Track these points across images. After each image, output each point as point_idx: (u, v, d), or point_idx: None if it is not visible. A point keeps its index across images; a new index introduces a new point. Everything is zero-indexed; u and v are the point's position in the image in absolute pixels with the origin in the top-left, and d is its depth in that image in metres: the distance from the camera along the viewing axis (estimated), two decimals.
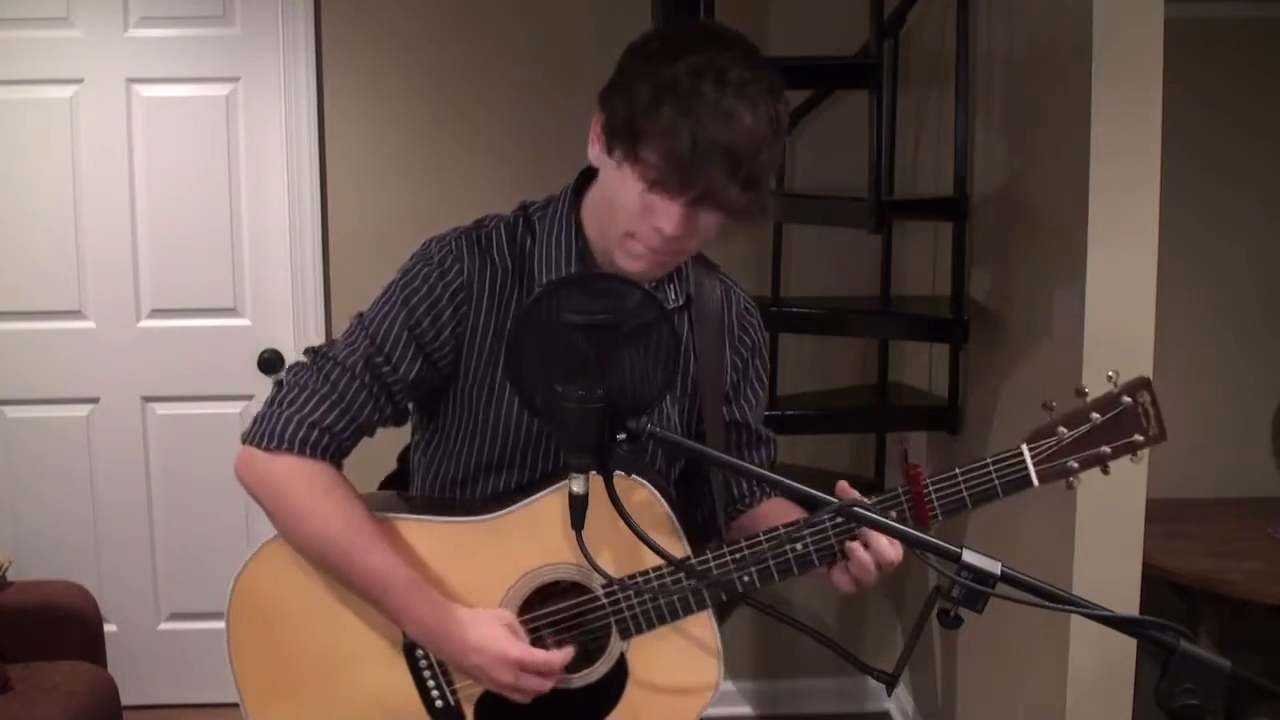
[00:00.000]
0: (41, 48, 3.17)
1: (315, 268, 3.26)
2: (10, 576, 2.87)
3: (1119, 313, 2.14)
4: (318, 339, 3.27)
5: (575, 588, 1.43)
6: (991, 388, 2.66)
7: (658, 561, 1.38)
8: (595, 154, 1.38)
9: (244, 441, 1.42)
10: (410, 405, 1.50)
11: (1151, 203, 2.11)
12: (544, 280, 1.42)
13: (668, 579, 1.40)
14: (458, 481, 1.50)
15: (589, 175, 1.47)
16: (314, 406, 1.39)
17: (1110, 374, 1.39)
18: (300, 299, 3.27)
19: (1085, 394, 1.38)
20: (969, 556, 1.08)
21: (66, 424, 3.33)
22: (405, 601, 1.38)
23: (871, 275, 3.15)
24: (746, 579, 1.39)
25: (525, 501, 1.41)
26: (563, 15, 3.20)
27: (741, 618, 1.47)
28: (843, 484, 1.35)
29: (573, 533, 1.23)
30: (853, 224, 2.71)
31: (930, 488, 1.38)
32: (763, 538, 1.39)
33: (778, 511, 1.58)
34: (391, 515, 1.43)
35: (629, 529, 1.23)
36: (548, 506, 1.40)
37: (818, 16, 3.15)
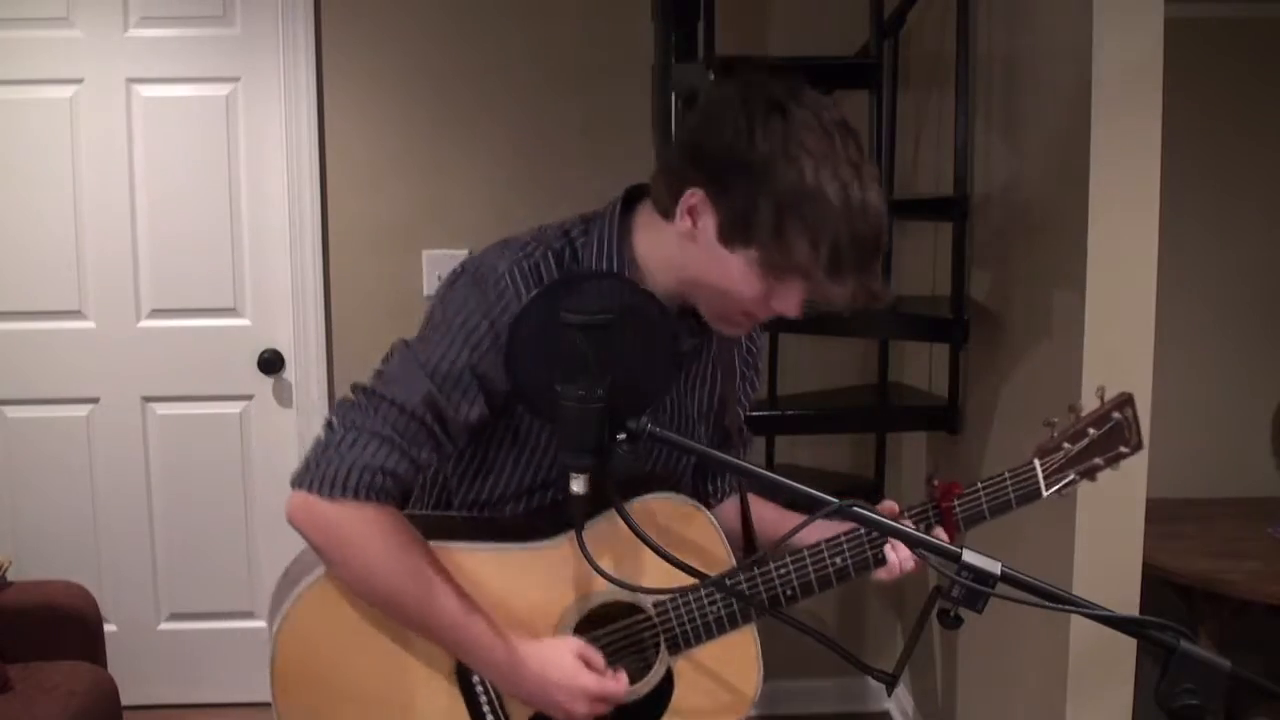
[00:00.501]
0: (41, 48, 3.17)
1: (315, 268, 3.26)
2: (10, 576, 2.87)
3: (1119, 313, 2.14)
4: (317, 339, 3.27)
5: (628, 608, 1.45)
6: (991, 388, 2.66)
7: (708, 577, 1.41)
8: (688, 229, 1.32)
9: (297, 486, 1.35)
10: (463, 446, 1.45)
11: (1151, 203, 2.11)
12: None
13: (716, 596, 1.44)
14: (499, 500, 1.49)
15: (633, 196, 1.44)
16: (374, 450, 1.32)
17: (1098, 389, 1.52)
18: (300, 299, 3.27)
19: (1080, 410, 1.52)
20: (969, 556, 1.08)
21: (66, 424, 3.33)
22: (481, 646, 1.38)
23: None
24: (790, 593, 1.46)
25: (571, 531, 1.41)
26: (562, 16, 3.20)
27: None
28: (888, 504, 1.49)
29: (623, 555, 1.24)
30: None
31: (956, 504, 1.49)
32: (806, 553, 1.45)
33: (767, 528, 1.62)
34: (444, 544, 1.41)
35: (651, 547, 1.25)
36: (600, 531, 1.40)
37: (818, 16, 3.15)
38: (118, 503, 3.36)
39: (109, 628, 3.11)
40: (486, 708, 1.44)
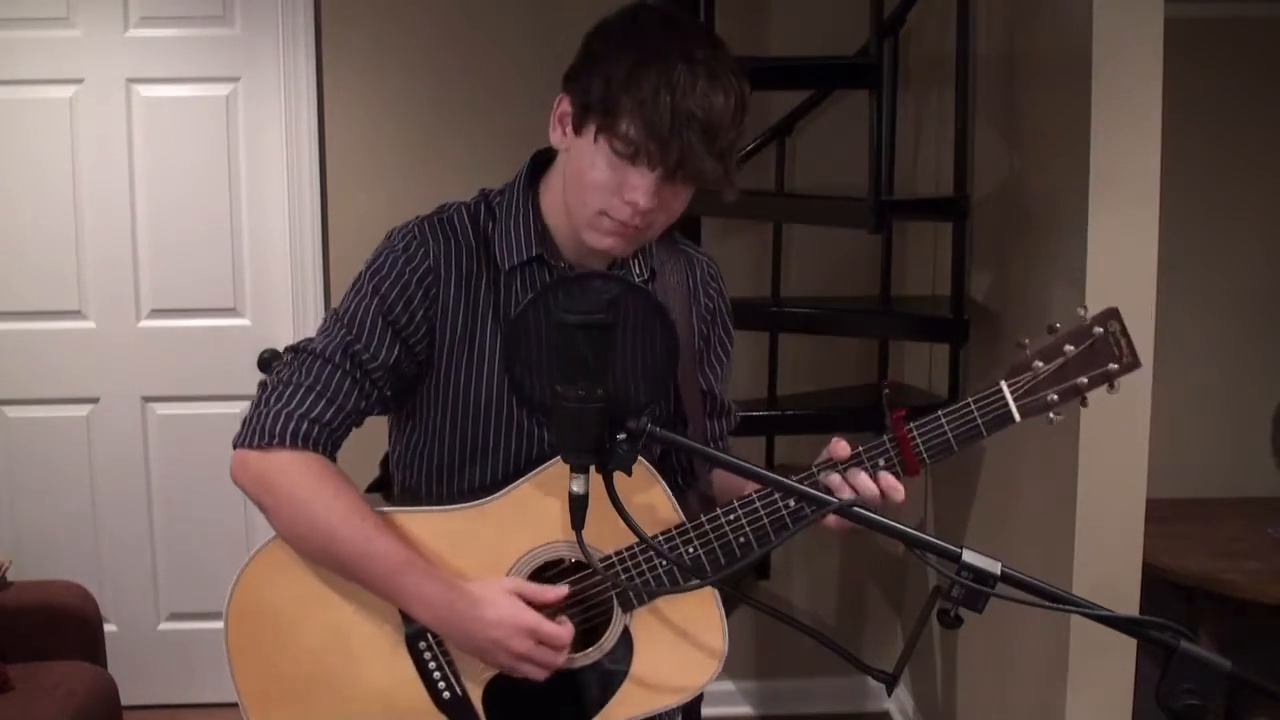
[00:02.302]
0: (41, 48, 3.17)
1: (315, 267, 3.26)
2: (10, 576, 2.87)
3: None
4: None
5: (575, 565, 1.44)
6: None
7: (655, 530, 1.40)
8: (559, 138, 1.43)
9: (235, 445, 1.43)
10: (391, 393, 1.48)
11: (1151, 202, 2.11)
12: (506, 262, 1.46)
13: (665, 548, 1.41)
14: (440, 471, 1.50)
15: (542, 160, 1.54)
16: (300, 399, 1.40)
17: (1081, 310, 1.40)
18: (300, 299, 3.27)
19: (1057, 328, 1.39)
20: (969, 556, 1.08)
21: (66, 424, 3.33)
22: (415, 585, 1.38)
23: (871, 275, 3.15)
24: (743, 540, 1.40)
25: (519, 483, 1.42)
26: (562, 15, 3.19)
27: (741, 618, 1.48)
28: (836, 445, 1.41)
29: (569, 511, 1.22)
30: (853, 224, 2.70)
31: (915, 432, 1.39)
32: (755, 496, 1.40)
33: (731, 483, 1.59)
34: (385, 509, 1.43)
35: (623, 519, 1.23)
36: (541, 485, 1.41)
37: (818, 16, 3.15)
38: (118, 503, 3.36)
39: (109, 628, 3.11)
40: (438, 674, 1.43)
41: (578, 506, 1.23)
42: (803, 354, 3.27)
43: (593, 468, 1.21)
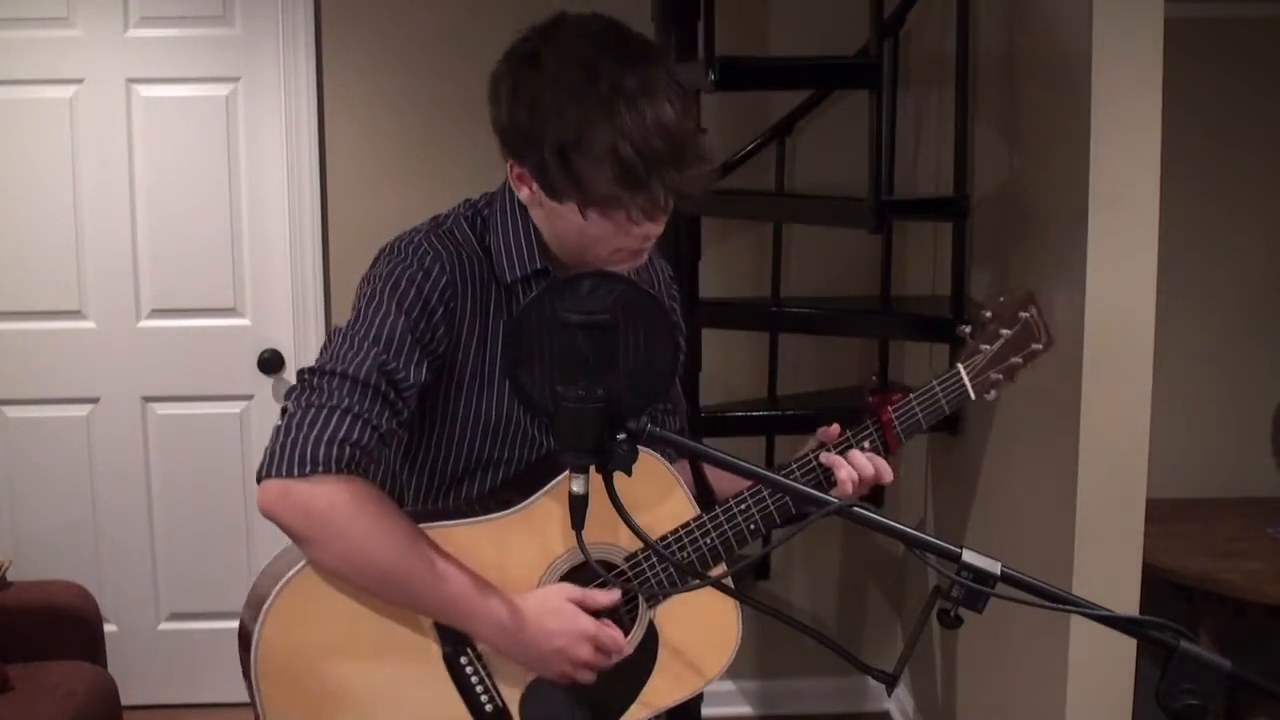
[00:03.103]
0: (41, 48, 3.17)
1: (315, 268, 3.26)
2: (10, 576, 2.87)
3: (1119, 313, 2.14)
4: (318, 339, 3.27)
5: (604, 565, 1.45)
6: None
7: (671, 523, 1.45)
8: (528, 196, 1.40)
9: (266, 475, 1.33)
10: (413, 411, 1.46)
11: (1151, 202, 2.11)
12: (508, 275, 1.45)
13: (684, 540, 1.46)
14: (454, 478, 1.50)
15: None
16: (336, 423, 1.33)
17: (1001, 298, 1.61)
18: (300, 299, 3.27)
19: (986, 314, 1.60)
20: (969, 556, 1.08)
21: (66, 424, 3.33)
22: (482, 606, 1.38)
23: (871, 275, 3.15)
24: (752, 527, 1.48)
25: (543, 491, 1.43)
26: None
27: (742, 618, 1.50)
28: (825, 430, 1.54)
29: (598, 516, 1.22)
30: (853, 224, 2.71)
31: (894, 414, 1.55)
32: (762, 486, 1.47)
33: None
34: (424, 526, 1.42)
35: (627, 524, 1.23)
36: (562, 491, 1.40)
37: (818, 16, 3.15)
38: (118, 503, 3.36)
39: (109, 628, 3.12)
40: (479, 688, 1.43)
41: (578, 507, 1.23)
42: (803, 354, 3.27)
43: (594, 468, 1.22)
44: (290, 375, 3.32)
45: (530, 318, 1.24)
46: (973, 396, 1.59)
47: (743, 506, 1.48)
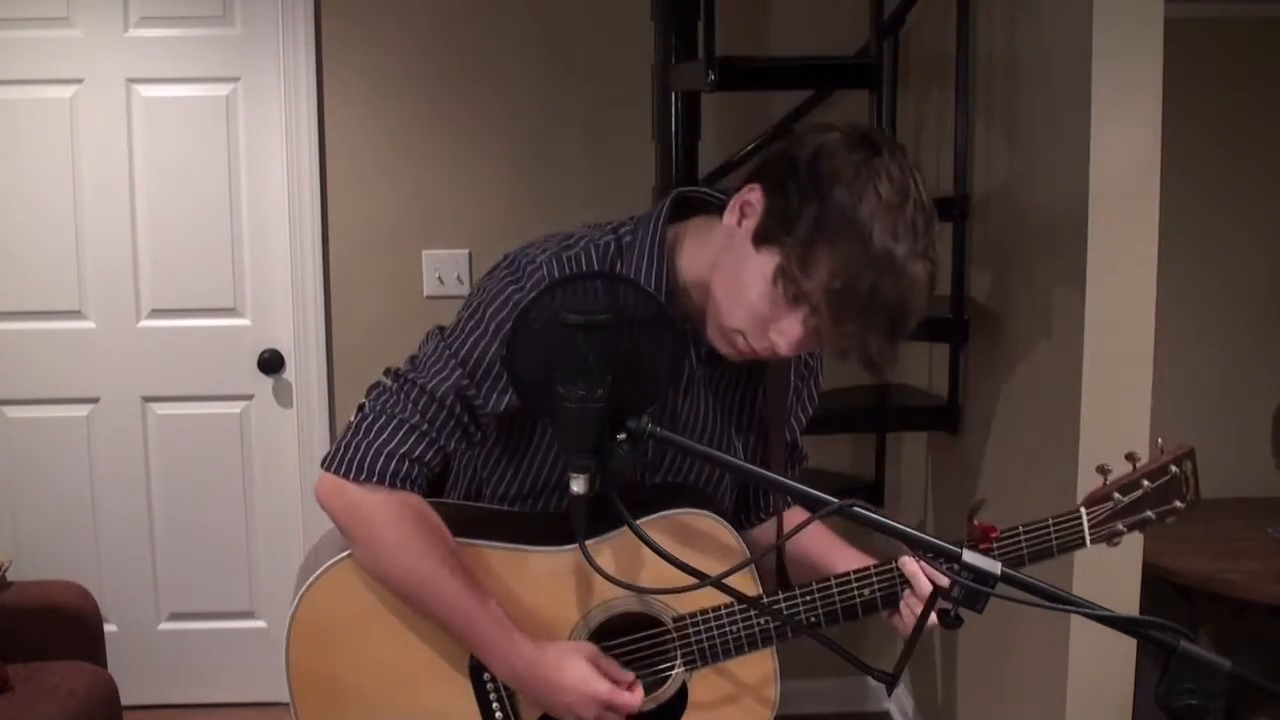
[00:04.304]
0: (41, 48, 3.17)
1: (315, 268, 3.26)
2: (10, 576, 2.87)
3: (1119, 313, 2.14)
4: (318, 339, 3.27)
5: (649, 620, 1.44)
6: (991, 388, 2.66)
7: (726, 598, 1.40)
8: (733, 223, 1.30)
9: (326, 467, 1.37)
10: (487, 434, 1.45)
11: (1151, 202, 2.11)
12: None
13: (738, 616, 1.42)
14: (522, 496, 1.48)
15: (682, 204, 1.42)
16: (403, 437, 1.35)
17: (1158, 441, 1.47)
18: (300, 299, 3.27)
19: (1137, 459, 1.45)
20: (969, 556, 1.08)
21: (66, 424, 3.33)
22: (495, 642, 1.38)
23: None
24: (814, 619, 1.43)
25: (603, 536, 1.40)
26: (561, 16, 3.19)
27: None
28: (906, 560, 1.42)
29: (646, 565, 1.23)
30: None
31: (995, 547, 1.44)
32: (833, 581, 1.44)
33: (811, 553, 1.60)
34: (469, 541, 1.42)
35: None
36: (623, 539, 1.40)
37: (818, 16, 3.15)
38: (118, 503, 3.36)
39: (109, 628, 3.11)
40: (496, 705, 1.44)
41: (578, 507, 1.23)
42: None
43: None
44: (290, 375, 3.32)
45: (530, 317, 1.24)
46: (1088, 545, 1.44)
47: (808, 597, 1.42)
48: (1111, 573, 2.18)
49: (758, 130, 3.12)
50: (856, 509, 1.18)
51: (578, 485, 1.22)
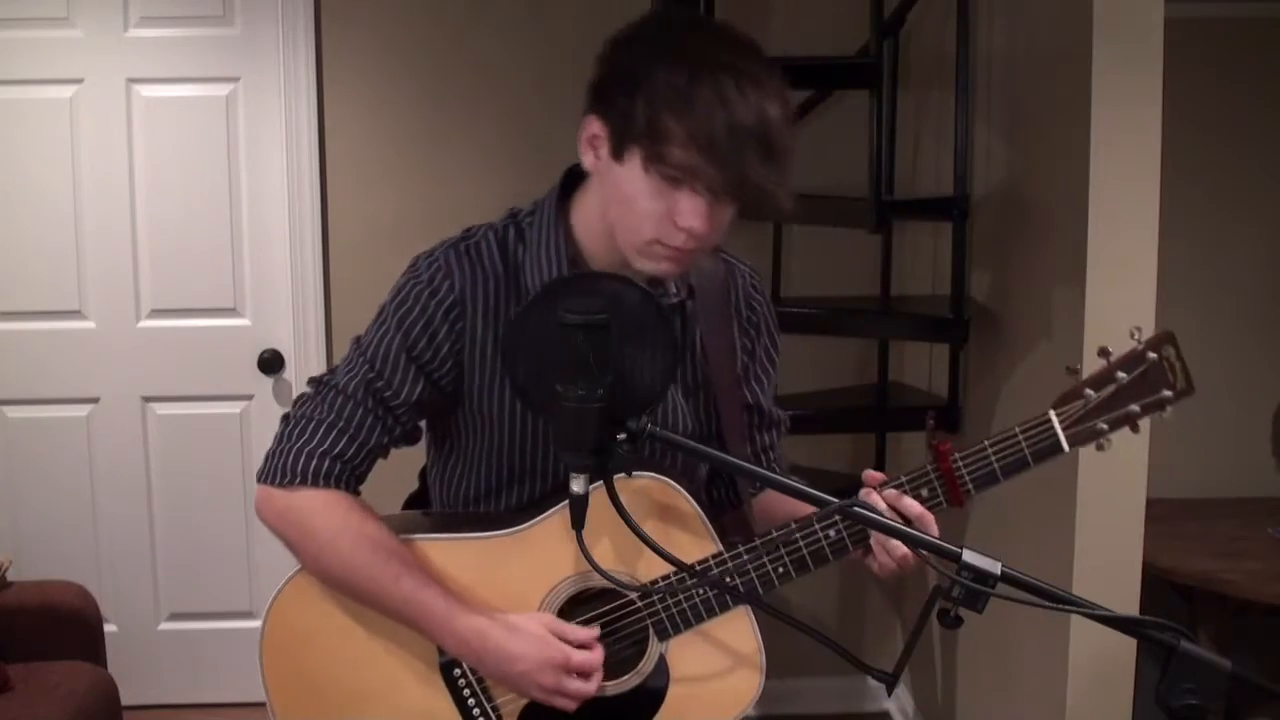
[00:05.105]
0: (41, 48, 3.17)
1: (315, 268, 3.26)
2: (10, 576, 2.86)
3: (1119, 312, 2.14)
4: (318, 339, 3.27)
5: (611, 593, 1.42)
6: (991, 388, 2.66)
7: (692, 559, 1.38)
8: (591, 161, 1.35)
9: (258, 480, 1.42)
10: (421, 424, 1.49)
11: (1151, 202, 2.11)
12: (534, 288, 1.40)
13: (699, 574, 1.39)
14: (479, 497, 1.49)
15: (573, 176, 1.46)
16: (322, 436, 1.39)
17: (1134, 330, 1.36)
18: (300, 299, 3.27)
19: (1109, 353, 1.35)
20: (969, 556, 1.08)
21: (66, 424, 3.33)
22: (442, 621, 1.37)
23: (871, 275, 3.15)
24: (781, 570, 1.40)
25: (552, 510, 1.40)
26: (562, 16, 3.19)
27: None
28: (869, 473, 1.38)
29: (606, 538, 1.23)
30: (853, 224, 2.71)
31: (960, 463, 1.36)
32: (794, 525, 1.38)
33: (772, 509, 1.58)
34: (417, 536, 1.43)
35: (635, 532, 1.23)
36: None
37: (818, 16, 3.15)
38: (118, 503, 3.36)
39: (109, 628, 3.11)
40: (472, 700, 1.43)
41: (577, 507, 1.23)
42: (803, 354, 3.27)
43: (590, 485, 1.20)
44: (290, 375, 3.32)
45: (528, 318, 1.24)
46: (1066, 448, 1.33)
47: (773, 548, 1.39)
48: (1111, 573, 2.18)
49: None
50: (856, 509, 1.18)
51: (577, 485, 1.22)
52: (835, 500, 1.18)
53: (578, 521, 1.24)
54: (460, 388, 1.43)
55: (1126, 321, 2.12)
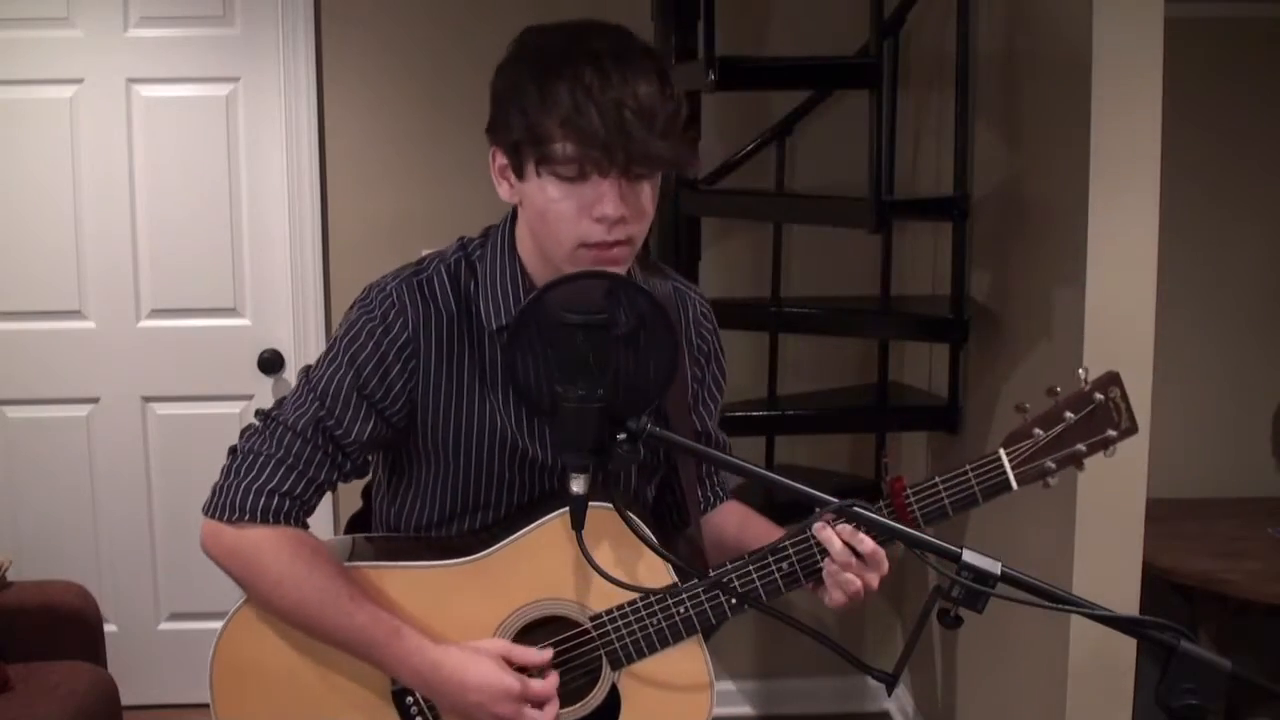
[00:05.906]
0: (41, 48, 3.17)
1: (315, 268, 3.26)
2: (10, 576, 2.86)
3: (1119, 313, 2.14)
4: (317, 339, 3.27)
5: (563, 622, 1.41)
6: (991, 388, 2.66)
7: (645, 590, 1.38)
8: (507, 192, 1.36)
9: (205, 514, 1.41)
10: (370, 458, 1.47)
11: (1151, 202, 2.11)
12: (490, 322, 1.39)
13: (656, 607, 1.39)
14: (430, 525, 1.48)
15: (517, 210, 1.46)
16: (270, 473, 1.38)
17: (1081, 371, 1.40)
18: (300, 299, 3.27)
19: (1057, 393, 1.38)
20: (969, 556, 1.08)
21: (66, 424, 3.33)
22: (395, 654, 1.36)
23: (871, 275, 3.15)
24: (733, 602, 1.39)
25: (507, 540, 1.39)
26: (563, 15, 3.19)
27: (741, 618, 1.47)
28: (820, 526, 1.35)
29: (559, 568, 1.22)
30: (853, 224, 2.70)
31: (912, 498, 1.39)
32: (748, 559, 1.39)
33: (734, 519, 1.59)
34: (367, 564, 1.41)
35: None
36: (531, 543, 1.39)
37: (818, 16, 3.15)
38: (118, 503, 3.36)
39: (109, 628, 3.11)
40: None
41: (578, 507, 1.23)
42: (803, 354, 3.27)
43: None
44: (290, 375, 3.32)
45: (529, 318, 1.24)
46: (1014, 487, 1.37)
47: (724, 580, 1.38)
48: (1111, 572, 2.18)
49: (758, 130, 3.12)
50: (856, 509, 1.18)
51: (577, 485, 1.22)
52: (835, 500, 1.18)
53: (578, 522, 1.24)
54: (413, 423, 1.41)
55: (1127, 321, 2.14)
